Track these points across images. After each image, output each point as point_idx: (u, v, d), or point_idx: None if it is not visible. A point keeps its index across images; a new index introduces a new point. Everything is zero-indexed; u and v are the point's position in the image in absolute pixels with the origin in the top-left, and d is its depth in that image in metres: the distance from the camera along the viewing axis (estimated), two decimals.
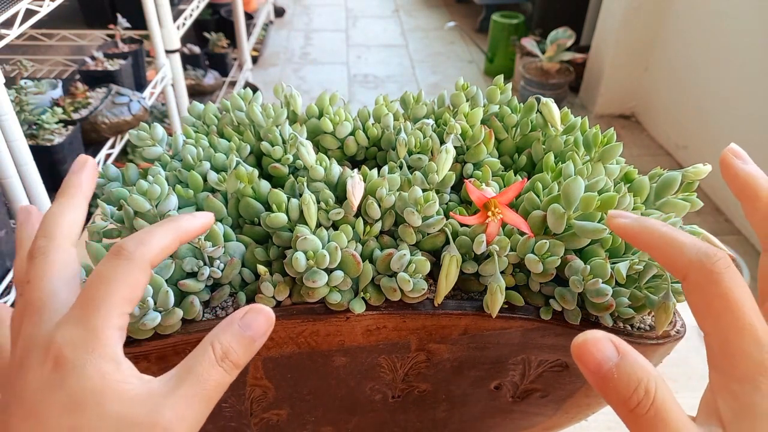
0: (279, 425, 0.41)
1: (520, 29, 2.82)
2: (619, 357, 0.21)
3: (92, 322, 0.22)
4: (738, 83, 1.93)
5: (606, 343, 0.21)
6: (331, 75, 2.97)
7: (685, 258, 0.23)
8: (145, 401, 0.22)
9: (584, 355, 0.21)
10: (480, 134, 0.40)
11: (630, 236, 0.26)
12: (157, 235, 0.26)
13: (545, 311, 0.34)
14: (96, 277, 0.24)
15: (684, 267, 0.23)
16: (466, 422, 0.43)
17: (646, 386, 0.21)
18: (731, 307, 0.22)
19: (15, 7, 0.82)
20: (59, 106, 1.12)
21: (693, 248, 0.23)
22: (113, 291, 0.23)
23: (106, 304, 0.23)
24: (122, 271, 0.24)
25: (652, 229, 0.25)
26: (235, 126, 0.44)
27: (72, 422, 0.21)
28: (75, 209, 0.28)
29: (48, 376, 0.22)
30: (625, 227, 0.26)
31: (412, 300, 0.34)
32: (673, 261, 0.24)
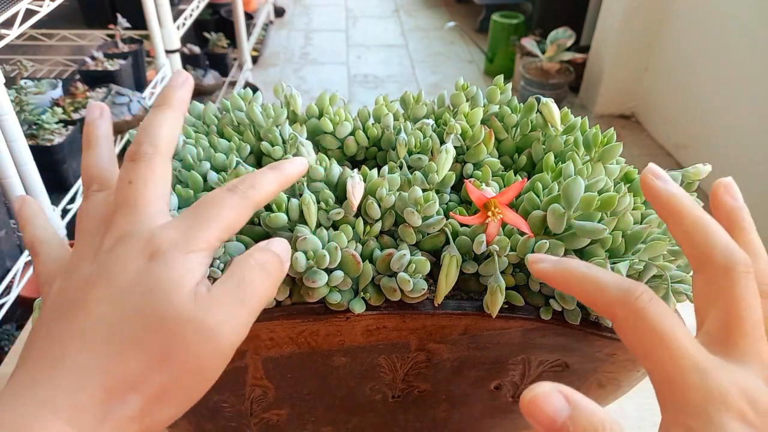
0: (279, 425, 0.41)
1: (520, 29, 2.82)
2: (571, 408, 0.20)
3: (196, 233, 0.25)
4: (738, 83, 1.93)
5: (555, 395, 0.20)
6: (331, 75, 2.97)
7: (607, 298, 0.23)
8: (202, 303, 0.23)
9: (535, 412, 0.20)
10: (480, 134, 0.40)
11: (551, 280, 0.25)
12: (266, 180, 0.28)
13: (545, 311, 0.34)
14: (209, 199, 0.26)
15: (609, 307, 0.23)
16: (466, 422, 0.43)
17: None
18: (664, 339, 0.21)
19: (15, 7, 0.82)
20: (59, 106, 1.12)
21: (614, 287, 0.23)
22: (223, 215, 0.26)
23: (214, 222, 0.25)
24: (233, 203, 0.26)
25: (572, 271, 0.24)
26: (235, 126, 0.44)
27: (143, 305, 0.23)
28: (176, 122, 0.29)
29: (143, 265, 0.23)
30: (545, 272, 0.25)
31: (412, 300, 0.34)
32: (597, 303, 0.23)
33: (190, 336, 0.23)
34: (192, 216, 0.26)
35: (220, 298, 0.24)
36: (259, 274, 0.25)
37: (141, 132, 0.28)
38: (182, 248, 0.24)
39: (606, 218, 0.33)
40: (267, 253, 0.27)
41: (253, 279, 0.25)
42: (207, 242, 0.25)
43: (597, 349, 0.36)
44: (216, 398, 0.37)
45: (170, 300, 0.23)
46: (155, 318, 0.23)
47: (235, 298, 0.24)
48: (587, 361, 0.37)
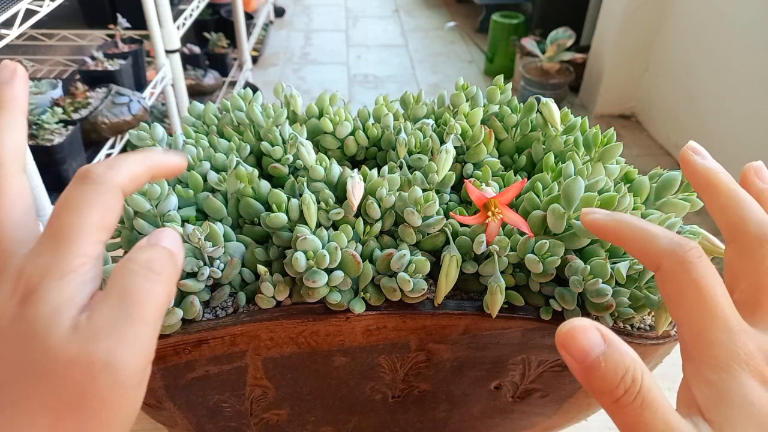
0: (279, 425, 0.41)
1: (520, 29, 2.82)
2: (606, 345, 0.21)
3: (66, 249, 0.21)
4: (738, 83, 1.93)
5: (593, 330, 0.21)
6: (331, 75, 2.97)
7: (658, 247, 0.23)
8: (85, 335, 0.20)
9: (570, 343, 0.21)
10: (480, 134, 0.40)
11: (603, 232, 0.26)
12: (127, 160, 0.24)
13: (545, 311, 0.34)
14: (64, 203, 0.22)
15: (657, 256, 0.23)
16: (466, 422, 0.43)
17: (633, 375, 0.20)
18: (703, 295, 0.22)
19: (15, 7, 0.82)
20: (59, 106, 1.12)
21: (666, 238, 0.23)
22: (85, 217, 0.21)
23: (79, 230, 0.21)
24: (92, 196, 0.22)
25: (625, 222, 0.25)
26: (235, 126, 0.44)
27: (23, 357, 0.19)
28: (16, 127, 0.24)
29: (16, 310, 0.20)
30: (598, 222, 0.26)
31: (412, 300, 0.34)
32: (646, 251, 0.24)
33: (80, 378, 0.19)
34: (53, 233, 0.21)
35: (104, 322, 0.20)
36: (144, 278, 0.21)
37: None
38: (56, 274, 0.20)
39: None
40: (150, 250, 0.22)
41: (138, 285, 0.21)
42: (83, 255, 0.21)
43: None
44: (216, 398, 0.37)
45: (48, 345, 0.19)
46: (37, 370, 0.19)
47: (120, 315, 0.20)
48: None
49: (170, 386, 0.35)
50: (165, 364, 0.34)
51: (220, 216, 0.37)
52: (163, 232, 0.24)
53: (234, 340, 0.34)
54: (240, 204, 0.37)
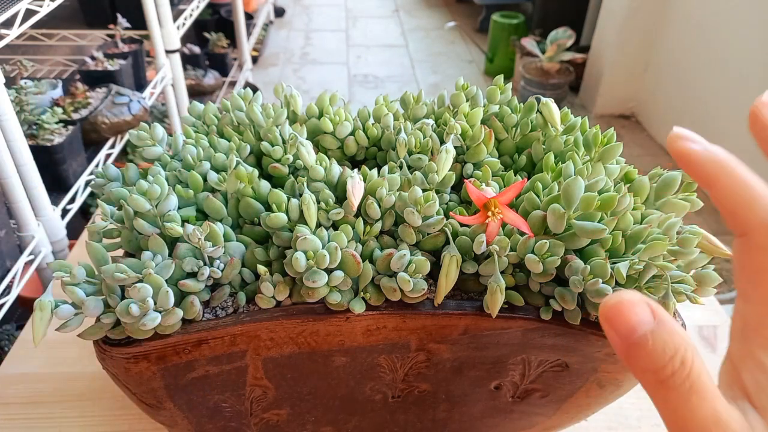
0: (279, 425, 0.41)
1: (520, 29, 2.82)
2: (656, 322, 0.19)
3: None
4: (738, 83, 1.93)
5: (642, 306, 0.19)
6: (331, 75, 2.97)
7: (755, 216, 0.21)
8: None
9: (616, 318, 0.19)
10: (480, 134, 0.40)
11: (693, 167, 0.23)
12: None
13: (545, 311, 0.34)
14: None
15: (749, 224, 0.21)
16: (466, 422, 0.43)
17: (683, 356, 0.19)
18: None
19: (15, 7, 0.82)
20: (59, 106, 1.12)
21: (766, 208, 0.21)
22: None
23: None
24: None
25: (725, 168, 0.22)
26: (235, 126, 0.44)
27: None
28: None
29: None
30: (690, 154, 0.22)
31: (412, 300, 0.34)
32: (738, 213, 0.21)
33: None
34: None
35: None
36: None
37: None
38: None
39: (606, 218, 0.33)
40: None
41: None
42: None
43: (597, 349, 0.36)
44: (216, 398, 0.37)
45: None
46: None
47: None
48: (587, 361, 0.37)
49: (170, 386, 0.35)
50: (165, 364, 0.34)
51: (220, 216, 0.37)
52: None
53: (234, 340, 0.34)
54: (240, 204, 0.37)
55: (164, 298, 0.31)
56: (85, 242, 0.34)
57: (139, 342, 0.32)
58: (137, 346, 0.33)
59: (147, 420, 0.52)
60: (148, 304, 0.30)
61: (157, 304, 0.31)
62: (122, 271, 0.31)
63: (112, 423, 0.53)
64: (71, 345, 0.34)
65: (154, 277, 0.31)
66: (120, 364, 0.33)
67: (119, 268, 0.31)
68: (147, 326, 0.31)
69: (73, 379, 0.56)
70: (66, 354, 0.57)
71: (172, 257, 0.33)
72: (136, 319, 0.31)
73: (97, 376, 0.56)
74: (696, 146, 0.23)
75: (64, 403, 0.54)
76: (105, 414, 0.53)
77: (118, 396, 0.54)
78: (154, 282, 0.31)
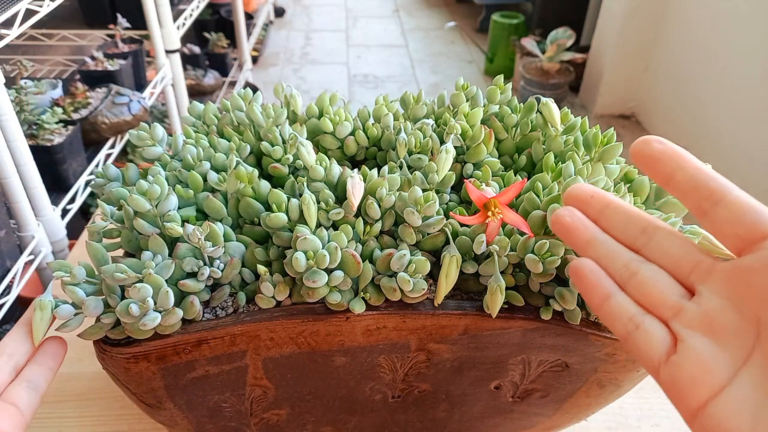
0: (279, 425, 0.41)
1: (520, 29, 2.82)
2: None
3: None
4: (738, 83, 1.93)
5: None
6: (331, 75, 2.97)
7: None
8: None
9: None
10: (480, 134, 0.40)
11: (664, 178, 0.25)
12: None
13: (545, 311, 0.34)
14: None
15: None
16: (466, 422, 0.43)
17: None
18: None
19: (15, 7, 0.82)
20: (59, 106, 1.12)
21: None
22: None
23: None
24: None
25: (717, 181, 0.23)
26: (235, 126, 0.44)
27: None
28: None
29: None
30: (652, 158, 0.25)
31: (412, 300, 0.34)
32: (748, 222, 0.22)
33: None
34: None
35: None
36: None
37: None
38: None
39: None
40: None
41: None
42: None
43: (597, 349, 0.36)
44: (216, 398, 0.37)
45: None
46: None
47: None
48: (587, 361, 0.37)
49: (170, 386, 0.35)
50: (165, 364, 0.34)
51: (220, 216, 0.37)
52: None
53: (234, 340, 0.34)
54: (240, 204, 0.37)
55: (164, 298, 0.31)
56: (85, 242, 0.34)
57: (139, 342, 0.32)
58: (137, 346, 0.33)
59: (147, 420, 0.52)
60: (148, 304, 0.30)
61: (157, 304, 0.31)
62: (122, 271, 0.31)
63: (112, 423, 0.53)
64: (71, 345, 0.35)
65: (154, 277, 0.31)
66: (120, 364, 0.33)
67: (119, 268, 0.31)
68: (147, 326, 0.31)
69: (73, 379, 0.56)
70: (66, 354, 0.57)
71: (172, 257, 0.33)
72: (136, 319, 0.31)
73: (97, 376, 0.56)
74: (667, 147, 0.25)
75: (64, 403, 0.54)
76: (105, 414, 0.53)
77: (118, 396, 0.54)
78: (154, 282, 0.31)
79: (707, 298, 0.23)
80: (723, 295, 0.23)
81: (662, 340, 0.23)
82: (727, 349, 0.22)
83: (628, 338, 0.24)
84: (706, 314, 0.23)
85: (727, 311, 0.22)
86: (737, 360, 0.22)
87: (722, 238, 0.23)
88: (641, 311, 0.24)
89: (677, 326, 0.23)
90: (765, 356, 0.21)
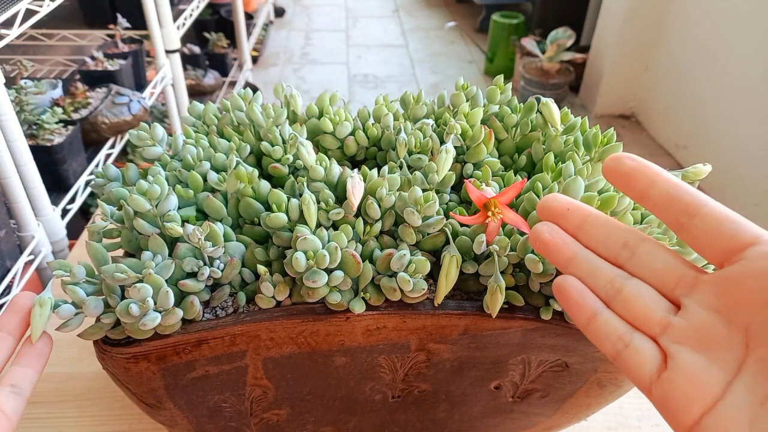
0: (279, 425, 0.41)
1: (520, 29, 2.82)
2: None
3: None
4: (738, 83, 1.93)
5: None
6: (331, 75, 2.97)
7: (751, 229, 0.22)
8: None
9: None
10: (480, 134, 0.40)
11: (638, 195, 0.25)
12: None
13: (545, 311, 0.34)
14: None
15: (753, 236, 0.22)
16: (466, 422, 0.43)
17: None
18: None
19: (15, 7, 0.82)
20: (59, 106, 1.12)
21: (752, 225, 0.22)
22: None
23: None
24: None
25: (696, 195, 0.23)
26: (235, 126, 0.44)
27: None
28: None
29: None
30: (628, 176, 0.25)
31: (412, 300, 0.34)
32: (727, 231, 0.23)
33: None
34: None
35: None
36: None
37: None
38: None
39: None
40: None
41: None
42: None
43: (597, 349, 0.36)
44: (216, 398, 0.37)
45: None
46: None
47: None
48: (587, 361, 0.37)
49: (170, 386, 0.35)
50: (165, 364, 0.34)
51: (220, 216, 0.37)
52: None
53: (234, 340, 0.34)
54: (240, 204, 0.37)
55: (164, 298, 0.31)
56: (85, 242, 0.34)
57: (139, 342, 0.32)
58: (137, 346, 0.33)
59: (147, 420, 0.52)
60: (148, 304, 0.30)
61: (157, 304, 0.31)
62: (122, 271, 0.31)
63: (112, 423, 0.53)
64: (71, 345, 0.35)
65: (154, 277, 0.31)
66: (120, 364, 0.33)
67: (119, 268, 0.31)
68: (147, 326, 0.31)
69: (73, 379, 0.56)
70: (66, 354, 0.57)
71: (172, 257, 0.33)
72: (136, 319, 0.31)
73: (97, 376, 0.56)
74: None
75: (64, 403, 0.54)
76: (105, 414, 0.53)
77: (118, 396, 0.54)
78: (154, 282, 0.31)
79: (694, 312, 0.23)
80: (710, 307, 0.23)
81: (652, 357, 0.23)
82: (717, 361, 0.22)
83: (617, 357, 0.24)
84: (694, 328, 0.23)
85: (714, 323, 0.22)
86: (729, 372, 0.22)
87: (702, 251, 0.23)
88: (629, 329, 0.24)
89: (666, 342, 0.23)
90: (756, 365, 0.21)
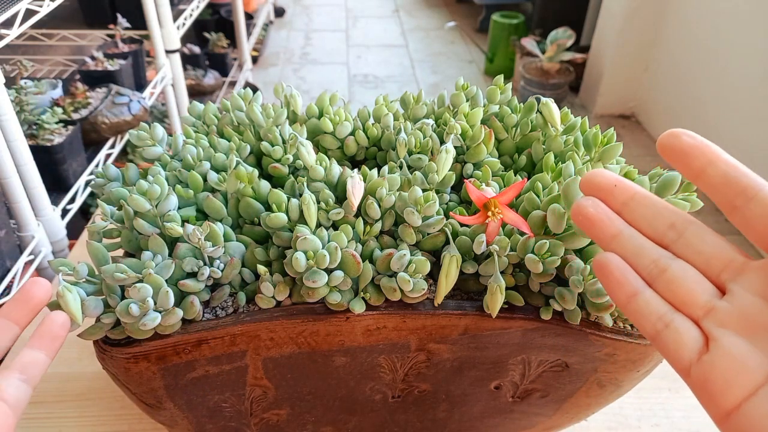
0: (279, 425, 0.41)
1: (520, 29, 2.82)
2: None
3: None
4: (738, 83, 1.93)
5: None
6: (331, 75, 2.97)
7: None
8: None
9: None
10: (480, 134, 0.40)
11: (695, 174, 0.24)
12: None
13: (545, 311, 0.34)
14: None
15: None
16: (466, 422, 0.43)
17: None
18: None
19: (15, 7, 0.82)
20: (59, 106, 1.12)
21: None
22: None
23: None
24: None
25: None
26: (235, 126, 0.44)
27: None
28: None
29: None
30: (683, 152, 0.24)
31: (412, 300, 0.34)
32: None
33: None
34: None
35: None
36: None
37: None
38: None
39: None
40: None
41: None
42: None
43: (597, 349, 0.36)
44: (216, 398, 0.37)
45: None
46: None
47: None
48: (587, 361, 0.37)
49: (170, 386, 0.35)
50: (165, 364, 0.34)
51: (220, 216, 0.37)
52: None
53: (234, 340, 0.34)
54: (240, 204, 0.37)
55: (164, 298, 0.31)
56: (86, 242, 0.34)
57: (139, 342, 0.32)
58: (137, 346, 0.33)
59: (147, 420, 0.52)
60: (148, 304, 0.30)
61: (157, 304, 0.31)
62: (122, 271, 0.31)
63: (112, 423, 0.53)
64: (71, 345, 0.35)
65: (154, 277, 0.31)
66: (120, 364, 0.33)
67: (119, 268, 0.31)
68: (147, 326, 0.31)
69: (73, 379, 0.56)
70: (66, 354, 0.57)
71: (172, 257, 0.33)
72: (136, 319, 0.31)
73: (97, 376, 0.56)
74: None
75: (64, 403, 0.54)
76: (105, 414, 0.53)
77: (118, 396, 0.54)
78: (154, 282, 0.31)
79: (740, 296, 0.23)
80: (757, 292, 0.23)
81: (694, 339, 0.23)
82: (762, 347, 0.22)
83: (656, 337, 0.24)
84: (739, 312, 0.22)
85: (762, 309, 0.22)
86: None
87: (753, 235, 0.23)
88: (671, 309, 0.24)
89: (709, 325, 0.23)
90: None
